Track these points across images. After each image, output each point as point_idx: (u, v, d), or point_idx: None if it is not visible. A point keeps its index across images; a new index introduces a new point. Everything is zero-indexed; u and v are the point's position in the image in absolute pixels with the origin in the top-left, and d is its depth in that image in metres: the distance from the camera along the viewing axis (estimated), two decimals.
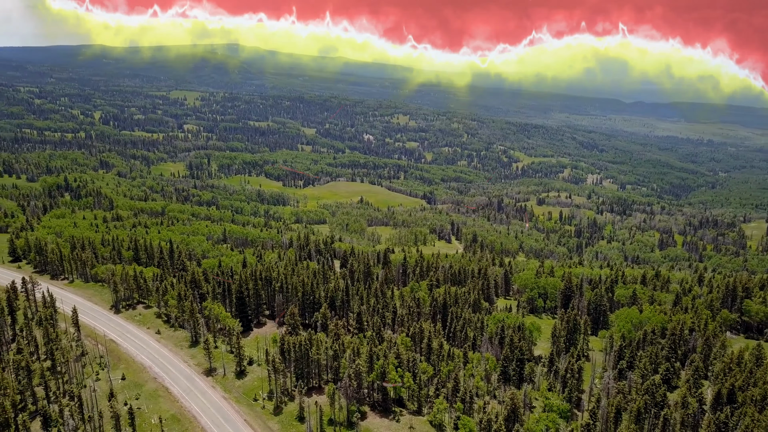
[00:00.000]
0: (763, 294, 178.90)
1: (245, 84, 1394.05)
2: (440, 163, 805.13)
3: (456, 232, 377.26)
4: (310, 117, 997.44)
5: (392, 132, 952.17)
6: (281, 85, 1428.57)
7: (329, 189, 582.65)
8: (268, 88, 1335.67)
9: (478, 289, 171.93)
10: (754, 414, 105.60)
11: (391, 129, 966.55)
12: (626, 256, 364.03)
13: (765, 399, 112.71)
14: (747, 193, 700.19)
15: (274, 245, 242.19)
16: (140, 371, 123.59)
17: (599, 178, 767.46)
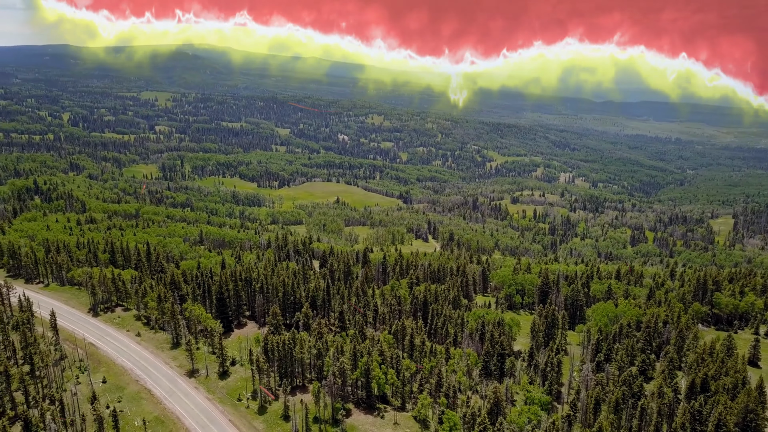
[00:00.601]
0: (732, 287, 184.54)
1: (217, 85, 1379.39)
2: (415, 163, 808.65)
3: (433, 231, 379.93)
4: (284, 117, 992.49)
5: (367, 132, 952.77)
6: (254, 85, 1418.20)
7: (305, 189, 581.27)
8: (240, 89, 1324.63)
9: (457, 287, 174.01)
10: (726, 402, 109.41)
11: (365, 129, 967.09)
12: (599, 252, 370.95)
13: (736, 388, 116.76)
14: (714, 190, 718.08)
15: (252, 246, 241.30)
16: (121, 374, 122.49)
17: (571, 176, 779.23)
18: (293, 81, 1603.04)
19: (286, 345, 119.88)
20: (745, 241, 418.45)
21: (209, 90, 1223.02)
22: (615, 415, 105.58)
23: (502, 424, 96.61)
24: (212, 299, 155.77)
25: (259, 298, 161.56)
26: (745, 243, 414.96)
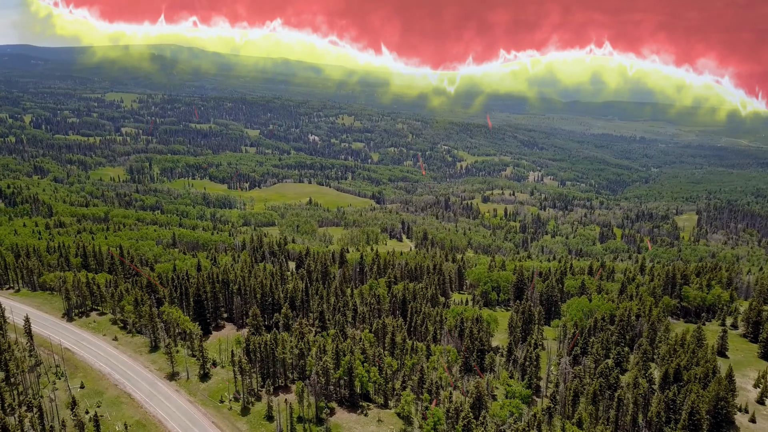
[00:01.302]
0: (700, 281, 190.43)
1: (184, 86, 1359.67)
2: (387, 163, 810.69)
3: (407, 231, 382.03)
4: (253, 118, 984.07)
5: (337, 132, 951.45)
6: (222, 86, 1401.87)
7: (276, 191, 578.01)
8: (208, 90, 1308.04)
9: (435, 285, 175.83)
10: (698, 390, 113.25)
11: (336, 130, 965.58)
12: (570, 249, 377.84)
13: (707, 377, 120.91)
14: (678, 187, 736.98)
15: (227, 248, 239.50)
16: (99, 379, 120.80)
17: (540, 175, 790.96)
18: (262, 81, 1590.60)
19: (268, 345, 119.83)
20: (708, 237, 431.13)
21: (176, 91, 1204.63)
22: (593, 406, 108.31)
23: (486, 418, 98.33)
24: (190, 302, 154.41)
25: (237, 299, 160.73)
26: (709, 238, 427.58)
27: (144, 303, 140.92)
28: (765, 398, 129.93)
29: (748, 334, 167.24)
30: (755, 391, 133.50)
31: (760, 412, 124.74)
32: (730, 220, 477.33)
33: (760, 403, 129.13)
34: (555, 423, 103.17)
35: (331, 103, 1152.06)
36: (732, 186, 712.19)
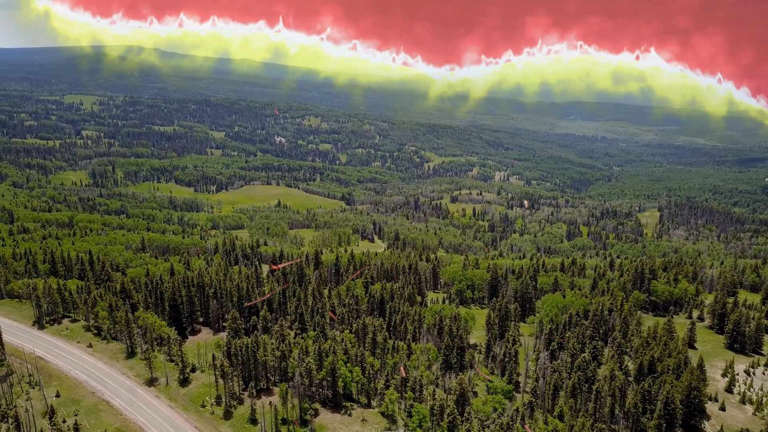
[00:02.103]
0: (667, 275, 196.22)
1: (146, 88, 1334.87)
2: (355, 164, 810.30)
3: (378, 232, 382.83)
4: (217, 120, 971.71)
5: (304, 134, 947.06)
6: (185, 88, 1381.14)
7: (244, 193, 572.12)
8: (171, 92, 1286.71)
9: (412, 284, 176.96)
10: (672, 381, 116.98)
11: (302, 131, 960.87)
12: (539, 247, 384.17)
13: (679, 368, 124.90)
14: (639, 185, 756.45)
15: (199, 251, 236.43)
16: (76, 387, 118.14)
17: (506, 174, 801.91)
18: (226, 83, 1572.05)
19: (249, 348, 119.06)
20: (671, 233, 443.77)
21: (138, 93, 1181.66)
22: (573, 399, 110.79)
23: (470, 414, 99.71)
24: (165, 306, 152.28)
25: (214, 303, 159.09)
26: (671, 234, 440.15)
27: (119, 309, 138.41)
28: (733, 387, 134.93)
29: (714, 326, 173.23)
30: (723, 380, 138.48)
31: (728, 401, 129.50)
32: (690, 216, 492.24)
33: (728, 391, 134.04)
34: (537, 417, 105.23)
35: (296, 104, 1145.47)
36: (690, 183, 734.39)
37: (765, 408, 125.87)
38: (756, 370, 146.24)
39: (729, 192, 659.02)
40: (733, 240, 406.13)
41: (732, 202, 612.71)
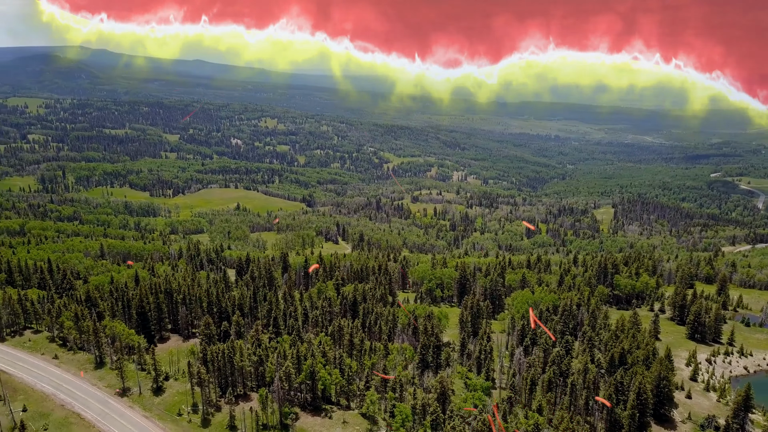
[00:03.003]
0: (629, 269, 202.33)
1: (95, 90, 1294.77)
2: (314, 165, 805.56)
3: (342, 233, 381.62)
4: (171, 123, 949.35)
5: (261, 136, 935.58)
6: (136, 90, 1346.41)
7: (201, 197, 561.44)
8: (121, 94, 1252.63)
9: (384, 285, 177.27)
10: (643, 372, 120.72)
11: (259, 133, 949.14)
12: (500, 245, 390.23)
13: (648, 359, 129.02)
14: (592, 183, 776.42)
15: (162, 257, 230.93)
16: (43, 400, 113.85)
17: (464, 174, 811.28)
18: (179, 85, 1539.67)
19: (225, 354, 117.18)
20: (625, 228, 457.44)
21: (86, 95, 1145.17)
22: (552, 393, 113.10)
23: (453, 412, 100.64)
24: (132, 314, 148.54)
25: (183, 309, 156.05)
26: (626, 230, 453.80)
27: (85, 318, 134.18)
28: (697, 376, 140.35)
29: (675, 317, 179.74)
30: (688, 369, 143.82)
31: (694, 389, 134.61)
32: (643, 212, 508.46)
33: (693, 380, 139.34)
34: (517, 411, 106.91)
35: (252, 106, 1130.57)
36: (641, 180, 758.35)
37: (728, 395, 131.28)
38: (716, 359, 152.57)
39: (677, 188, 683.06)
40: (685, 234, 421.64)
41: (680, 198, 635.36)
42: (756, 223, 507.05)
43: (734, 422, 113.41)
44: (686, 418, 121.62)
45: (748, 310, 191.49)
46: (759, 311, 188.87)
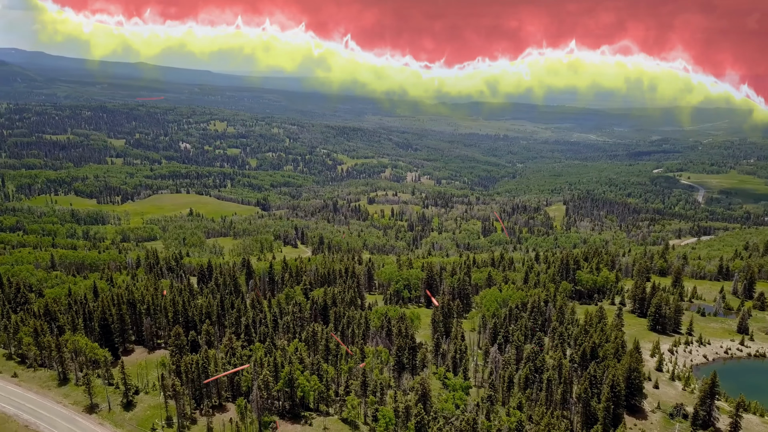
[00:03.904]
0: (589, 265, 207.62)
1: (32, 94, 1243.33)
2: (266, 168, 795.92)
3: (301, 237, 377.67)
4: (116, 127, 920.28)
5: (210, 139, 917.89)
6: (77, 94, 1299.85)
7: (152, 203, 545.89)
8: (61, 98, 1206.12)
9: (354, 288, 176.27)
10: (614, 364, 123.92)
11: (208, 136, 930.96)
12: (458, 244, 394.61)
13: (617, 351, 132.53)
14: (542, 181, 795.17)
15: (119, 266, 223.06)
16: (5, 421, 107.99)
17: (418, 175, 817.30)
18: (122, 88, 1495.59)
19: (200, 365, 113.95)
20: (578, 224, 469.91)
21: (24, 99, 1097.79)
22: (531, 390, 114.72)
23: (437, 413, 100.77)
24: (95, 327, 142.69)
25: (147, 320, 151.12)
26: (578, 226, 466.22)
27: (45, 333, 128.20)
28: (662, 366, 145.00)
29: (636, 310, 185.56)
30: (653, 360, 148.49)
31: (660, 379, 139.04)
32: (593, 208, 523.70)
33: (658, 370, 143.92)
34: (498, 409, 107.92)
35: (200, 109, 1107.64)
36: (588, 177, 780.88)
37: (692, 383, 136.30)
38: (678, 349, 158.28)
39: (623, 184, 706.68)
40: (634, 229, 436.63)
41: (626, 193, 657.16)
42: (698, 216, 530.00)
43: (702, 409, 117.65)
44: (656, 407, 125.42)
45: (702, 301, 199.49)
46: (712, 301, 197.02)
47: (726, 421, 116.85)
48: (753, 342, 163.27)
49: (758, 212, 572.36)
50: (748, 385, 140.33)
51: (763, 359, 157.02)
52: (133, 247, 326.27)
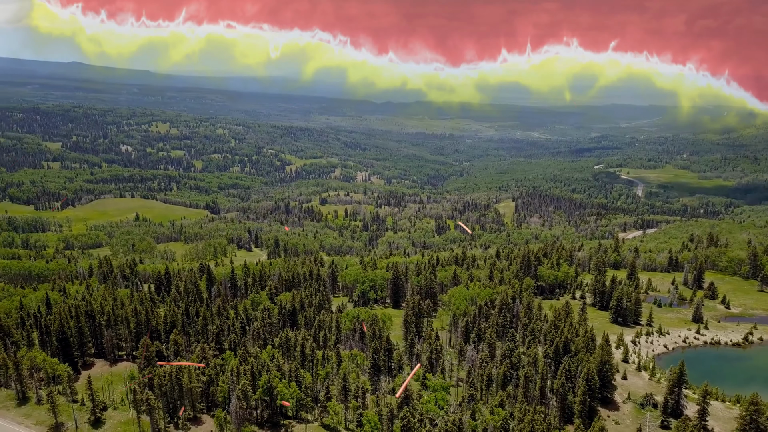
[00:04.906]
0: (549, 260, 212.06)
1: None
2: (212, 170, 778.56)
3: (255, 240, 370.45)
4: (51, 130, 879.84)
5: (153, 141, 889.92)
6: (6, 95, 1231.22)
7: (94, 208, 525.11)
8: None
9: (322, 291, 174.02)
10: (588, 357, 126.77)
11: (151, 138, 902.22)
12: (414, 242, 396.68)
13: (588, 345, 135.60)
14: (489, 178, 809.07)
15: (71, 276, 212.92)
16: None
17: (368, 174, 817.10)
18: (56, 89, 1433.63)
19: (173, 376, 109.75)
20: (528, 221, 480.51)
21: None
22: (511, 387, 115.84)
23: (423, 415, 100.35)
24: (52, 341, 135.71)
25: (108, 332, 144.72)
26: (528, 222, 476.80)
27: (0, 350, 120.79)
28: (628, 357, 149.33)
29: (596, 303, 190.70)
30: (618, 352, 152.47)
31: (628, 370, 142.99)
32: (541, 204, 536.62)
33: (624, 361, 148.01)
34: (479, 407, 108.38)
35: (141, 110, 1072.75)
36: (533, 174, 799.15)
37: (657, 373, 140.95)
38: (640, 340, 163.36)
39: (567, 180, 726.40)
40: (582, 223, 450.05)
41: (571, 189, 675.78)
42: (640, 210, 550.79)
43: (671, 398, 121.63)
44: (626, 398, 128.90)
45: (657, 292, 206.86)
46: (666, 292, 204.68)
47: (694, 408, 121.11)
48: (708, 330, 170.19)
49: (694, 205, 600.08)
50: (707, 372, 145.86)
51: (719, 347, 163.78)
52: (78, 255, 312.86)
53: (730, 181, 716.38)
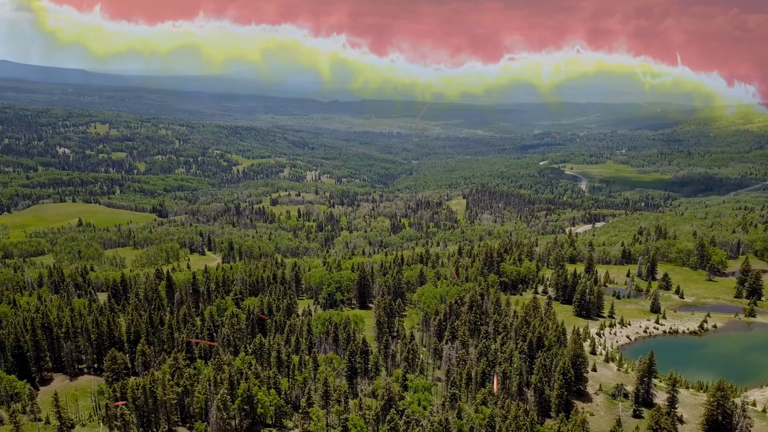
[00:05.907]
0: (511, 256, 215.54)
1: None
2: (156, 172, 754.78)
3: (208, 243, 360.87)
4: None
5: (92, 143, 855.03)
6: None
7: (33, 214, 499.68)
8: None
9: (291, 294, 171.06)
10: (562, 351, 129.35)
11: (89, 140, 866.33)
12: (371, 241, 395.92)
13: (559, 339, 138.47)
14: (438, 176, 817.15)
15: (17, 287, 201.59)
16: None
17: (317, 174, 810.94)
18: None
19: (147, 389, 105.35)
20: (480, 217, 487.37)
21: None
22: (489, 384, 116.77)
23: (409, 417, 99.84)
24: (8, 356, 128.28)
25: (67, 345, 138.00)
26: (480, 218, 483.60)
27: None
28: (595, 349, 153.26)
29: (559, 297, 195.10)
30: (586, 344, 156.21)
31: (597, 362, 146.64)
32: (491, 201, 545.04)
33: (592, 353, 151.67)
34: (462, 406, 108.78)
35: (77, 111, 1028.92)
36: (481, 171, 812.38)
37: (624, 363, 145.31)
38: (604, 331, 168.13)
39: (514, 176, 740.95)
40: (533, 219, 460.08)
41: (518, 185, 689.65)
42: (585, 204, 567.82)
43: (641, 387, 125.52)
44: (598, 389, 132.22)
45: (615, 285, 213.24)
46: (623, 284, 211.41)
47: (663, 396, 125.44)
48: (666, 320, 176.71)
49: (635, 198, 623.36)
50: (669, 360, 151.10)
51: (677, 335, 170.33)
52: (21, 264, 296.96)
53: (667, 174, 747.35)
